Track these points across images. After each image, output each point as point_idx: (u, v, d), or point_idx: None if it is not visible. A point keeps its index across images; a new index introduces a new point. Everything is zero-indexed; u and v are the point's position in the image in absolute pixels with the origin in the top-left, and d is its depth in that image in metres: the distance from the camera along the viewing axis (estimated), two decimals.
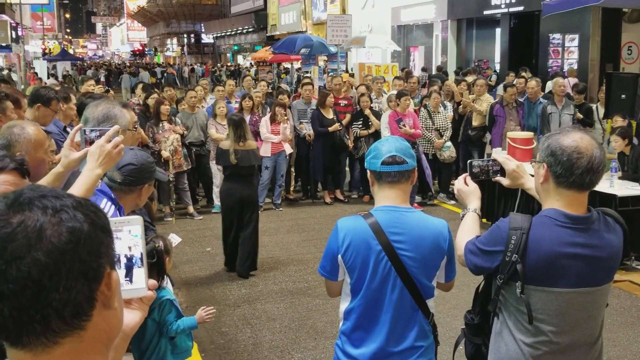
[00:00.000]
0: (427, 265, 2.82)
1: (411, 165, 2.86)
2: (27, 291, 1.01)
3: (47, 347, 1.06)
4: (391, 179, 2.84)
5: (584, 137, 2.46)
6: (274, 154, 10.23)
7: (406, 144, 2.95)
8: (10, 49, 34.58)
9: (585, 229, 2.48)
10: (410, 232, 2.79)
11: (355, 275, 2.82)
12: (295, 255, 8.20)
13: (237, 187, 7.41)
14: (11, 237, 1.02)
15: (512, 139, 9.19)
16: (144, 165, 2.97)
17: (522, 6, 19.15)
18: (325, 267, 2.91)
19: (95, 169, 2.53)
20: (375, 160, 2.86)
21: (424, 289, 2.84)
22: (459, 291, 6.77)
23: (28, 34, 49.51)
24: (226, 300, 6.80)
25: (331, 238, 2.88)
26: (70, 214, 1.07)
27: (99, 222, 1.12)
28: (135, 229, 1.45)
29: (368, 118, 10.77)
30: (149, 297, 1.47)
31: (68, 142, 2.70)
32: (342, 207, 10.60)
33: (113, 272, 1.14)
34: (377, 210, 2.85)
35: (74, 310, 1.06)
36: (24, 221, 1.03)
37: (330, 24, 18.24)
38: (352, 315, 2.88)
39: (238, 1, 53.76)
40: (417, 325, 2.86)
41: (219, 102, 10.23)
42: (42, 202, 1.07)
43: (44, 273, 1.02)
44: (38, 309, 1.02)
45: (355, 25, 23.03)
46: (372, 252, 2.78)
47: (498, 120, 10.41)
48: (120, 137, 2.63)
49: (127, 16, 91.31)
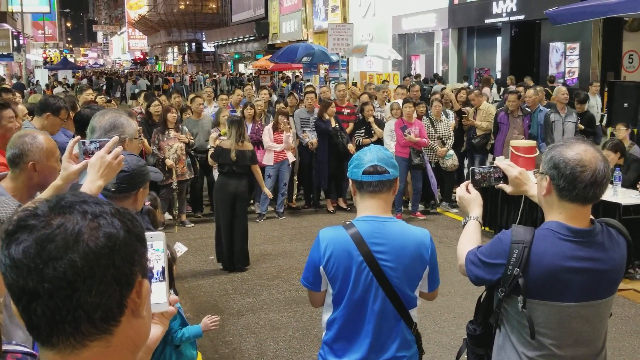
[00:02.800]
0: (408, 275, 2.82)
1: (393, 175, 2.86)
2: (61, 292, 1.04)
3: (75, 349, 1.09)
4: (372, 189, 2.83)
5: (588, 150, 2.42)
6: (277, 162, 10.23)
7: (389, 154, 2.94)
8: (12, 57, 34.70)
9: (588, 242, 2.45)
10: (391, 242, 2.79)
11: (337, 285, 2.83)
12: (299, 264, 8.18)
13: (231, 182, 7.95)
14: (51, 238, 1.05)
15: (515, 147, 9.19)
16: (135, 170, 2.95)
17: (523, 15, 19.20)
18: (308, 277, 2.92)
19: (97, 180, 2.53)
20: (356, 170, 2.86)
21: (406, 299, 2.84)
22: (464, 300, 6.77)
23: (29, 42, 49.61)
24: (230, 309, 6.78)
25: (313, 249, 2.89)
26: (108, 220, 1.11)
27: (135, 230, 1.15)
28: (157, 244, 1.47)
29: (371, 126, 10.77)
30: (170, 312, 1.49)
31: (67, 155, 2.69)
32: (344, 215, 10.59)
33: (144, 280, 1.17)
34: (358, 221, 2.85)
35: (104, 315, 1.09)
36: (64, 223, 1.07)
37: (331, 33, 18.29)
38: (334, 325, 2.89)
39: (239, 10, 53.96)
40: (399, 336, 2.86)
41: (223, 111, 10.23)
42: (82, 207, 1.10)
43: (78, 275, 1.05)
44: (70, 310, 1.05)
45: (357, 34, 23.09)
46: (354, 263, 2.78)
47: (501, 128, 10.41)
48: (119, 148, 2.63)
49: (128, 25, 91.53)
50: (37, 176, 3.07)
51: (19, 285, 1.06)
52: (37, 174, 3.07)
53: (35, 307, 1.05)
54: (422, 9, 24.79)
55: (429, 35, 26.11)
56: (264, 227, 9.99)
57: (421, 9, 24.90)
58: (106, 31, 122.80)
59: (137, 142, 3.40)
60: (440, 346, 5.78)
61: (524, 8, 19.04)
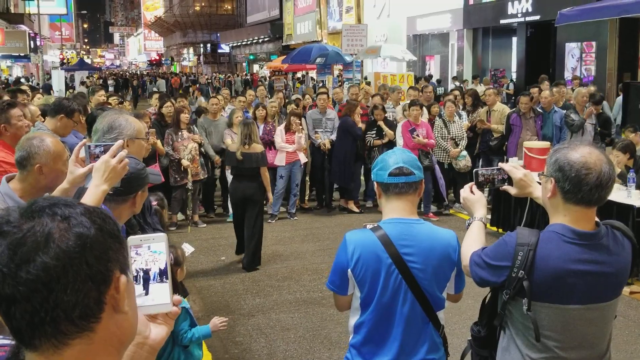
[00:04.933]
0: (437, 277, 2.81)
1: (418, 176, 2.86)
2: (37, 294, 1.06)
3: (57, 349, 1.10)
4: (398, 190, 2.83)
5: (593, 152, 2.40)
6: (289, 163, 10.24)
7: (413, 156, 2.95)
8: (29, 58, 34.99)
9: (593, 245, 2.43)
10: (419, 244, 2.78)
11: (366, 289, 2.80)
12: (310, 265, 8.18)
13: (240, 186, 8.05)
14: (22, 242, 1.07)
15: (529, 148, 9.14)
16: (133, 174, 2.93)
17: (538, 15, 19.09)
18: (335, 281, 2.89)
19: (101, 184, 2.54)
20: (382, 172, 2.86)
21: (435, 300, 2.83)
22: (475, 302, 6.70)
23: (46, 44, 50.05)
24: (240, 309, 6.79)
25: (340, 252, 2.86)
26: (78, 220, 1.12)
27: (107, 228, 1.16)
28: (156, 246, 1.49)
29: (381, 128, 10.74)
30: (174, 313, 1.50)
31: (73, 158, 2.71)
32: (357, 216, 10.57)
33: (122, 276, 1.17)
34: (385, 223, 2.84)
35: (83, 312, 1.10)
36: (34, 227, 1.09)
37: (345, 34, 18.28)
38: (362, 328, 2.86)
39: (254, 11, 54.09)
40: (428, 338, 2.85)
41: (236, 112, 10.26)
42: (52, 210, 1.12)
43: (52, 276, 1.06)
44: (48, 311, 1.07)
45: (371, 35, 23.07)
46: (383, 266, 2.76)
47: (514, 130, 10.35)
48: (124, 152, 2.63)
49: (144, 26, 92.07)
50: (44, 179, 3.09)
51: None
52: (44, 176, 3.09)
53: (14, 311, 1.07)
54: (437, 10, 24.72)
55: (444, 35, 26.03)
56: (276, 227, 9.99)
57: (436, 10, 24.82)
58: (122, 32, 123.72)
59: (141, 143, 3.37)
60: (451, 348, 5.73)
61: (540, 8, 18.93)
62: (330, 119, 11.09)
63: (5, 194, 3.03)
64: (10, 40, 33.02)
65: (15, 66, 45.35)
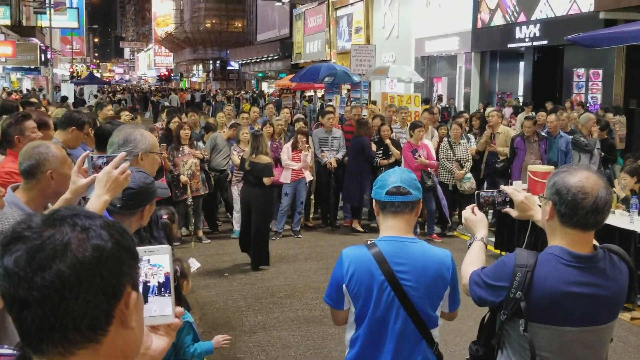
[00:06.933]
0: (430, 295, 2.86)
1: (415, 196, 2.93)
2: (49, 300, 1.09)
3: (63, 357, 1.12)
4: (395, 209, 2.90)
5: (590, 177, 2.44)
6: (294, 180, 10.29)
7: (412, 176, 3.02)
8: (39, 71, 35.25)
9: (590, 268, 2.47)
10: (413, 262, 2.84)
11: (360, 304, 2.88)
12: (313, 283, 8.20)
13: (247, 191, 8.92)
14: (41, 248, 1.10)
15: (533, 172, 9.16)
16: (142, 188, 2.97)
17: (546, 40, 19.16)
18: (331, 296, 2.97)
19: (103, 195, 2.59)
20: (380, 190, 2.95)
21: (428, 318, 2.88)
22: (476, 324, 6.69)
23: (57, 57, 50.43)
24: (242, 326, 6.80)
25: (336, 267, 2.95)
26: (97, 232, 1.15)
27: (124, 243, 1.19)
28: (157, 259, 1.50)
29: (388, 148, 10.80)
30: (176, 324, 1.52)
31: (75, 169, 2.76)
32: (360, 236, 10.58)
33: (134, 292, 1.20)
34: (380, 240, 2.92)
35: (91, 323, 1.12)
36: (54, 235, 1.12)
37: (354, 54, 18.38)
38: (357, 343, 2.93)
39: (264, 29, 54.46)
40: (421, 355, 2.90)
41: (243, 129, 10.33)
42: (73, 220, 1.15)
43: (65, 284, 1.09)
44: (58, 318, 1.09)
45: (379, 56, 23.18)
46: (375, 282, 2.83)
47: (518, 153, 10.39)
48: (126, 164, 2.68)
49: (154, 42, 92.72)
50: (54, 184, 3.16)
51: (10, 294, 1.11)
52: (54, 182, 3.16)
53: (25, 315, 1.10)
54: (446, 32, 24.84)
55: (452, 58, 26.13)
56: (280, 245, 10.02)
57: (444, 32, 24.95)
58: (133, 47, 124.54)
59: (155, 157, 3.42)
60: None
61: (547, 34, 19.00)
62: (337, 138, 11.16)
63: (12, 202, 3.07)
64: (21, 52, 33.27)
65: (25, 78, 45.67)
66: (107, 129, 4.44)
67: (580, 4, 17.55)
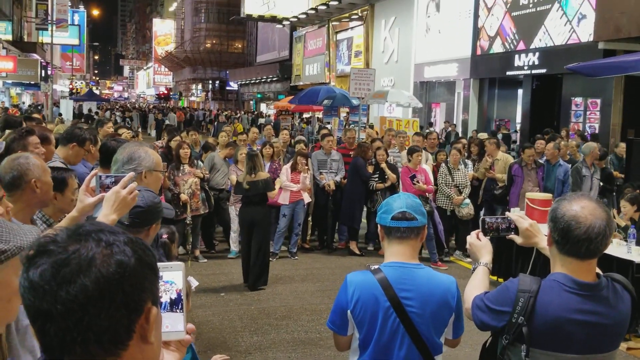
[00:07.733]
0: (435, 322, 2.85)
1: (421, 222, 2.92)
2: (72, 314, 1.10)
3: None
4: (400, 235, 2.89)
5: (588, 206, 2.44)
6: (292, 202, 10.30)
7: (418, 201, 3.02)
8: (39, 87, 35.34)
9: (593, 296, 2.47)
10: (418, 288, 2.83)
11: (364, 330, 2.86)
12: (309, 305, 8.17)
13: (249, 211, 8.84)
14: (66, 263, 1.12)
15: (531, 199, 9.19)
16: (150, 207, 2.98)
17: (545, 69, 19.31)
18: (335, 321, 2.95)
19: (111, 214, 2.60)
20: (385, 215, 2.93)
21: (432, 345, 2.86)
22: (472, 350, 6.66)
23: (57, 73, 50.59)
24: (238, 346, 6.77)
25: (340, 292, 2.93)
26: (121, 248, 1.17)
27: (147, 259, 1.21)
28: (170, 275, 1.52)
29: (384, 171, 10.82)
30: (187, 340, 1.55)
31: (83, 188, 2.77)
32: (357, 259, 10.58)
33: (154, 308, 1.21)
34: (386, 266, 2.90)
35: (112, 338, 1.14)
36: (79, 249, 1.14)
37: (353, 77, 18.48)
38: None
39: (264, 51, 54.76)
40: None
41: (241, 149, 10.36)
42: (98, 235, 1.17)
43: (89, 298, 1.11)
44: (80, 331, 1.11)
45: (378, 80, 23.30)
46: (381, 308, 2.81)
47: (516, 181, 10.44)
48: (134, 184, 2.69)
49: (154, 60, 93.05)
50: (38, 193, 3.19)
51: (35, 306, 1.12)
52: (39, 190, 3.19)
53: (49, 327, 1.11)
54: (445, 58, 25.02)
55: (450, 84, 26.29)
56: (277, 266, 9.99)
57: (444, 58, 25.13)
58: (133, 65, 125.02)
59: (159, 175, 3.43)
60: None
61: (546, 62, 19.15)
62: (335, 160, 11.19)
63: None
64: (22, 68, 33.37)
65: (24, 93, 45.78)
66: (112, 146, 4.45)
67: (580, 34, 17.72)
